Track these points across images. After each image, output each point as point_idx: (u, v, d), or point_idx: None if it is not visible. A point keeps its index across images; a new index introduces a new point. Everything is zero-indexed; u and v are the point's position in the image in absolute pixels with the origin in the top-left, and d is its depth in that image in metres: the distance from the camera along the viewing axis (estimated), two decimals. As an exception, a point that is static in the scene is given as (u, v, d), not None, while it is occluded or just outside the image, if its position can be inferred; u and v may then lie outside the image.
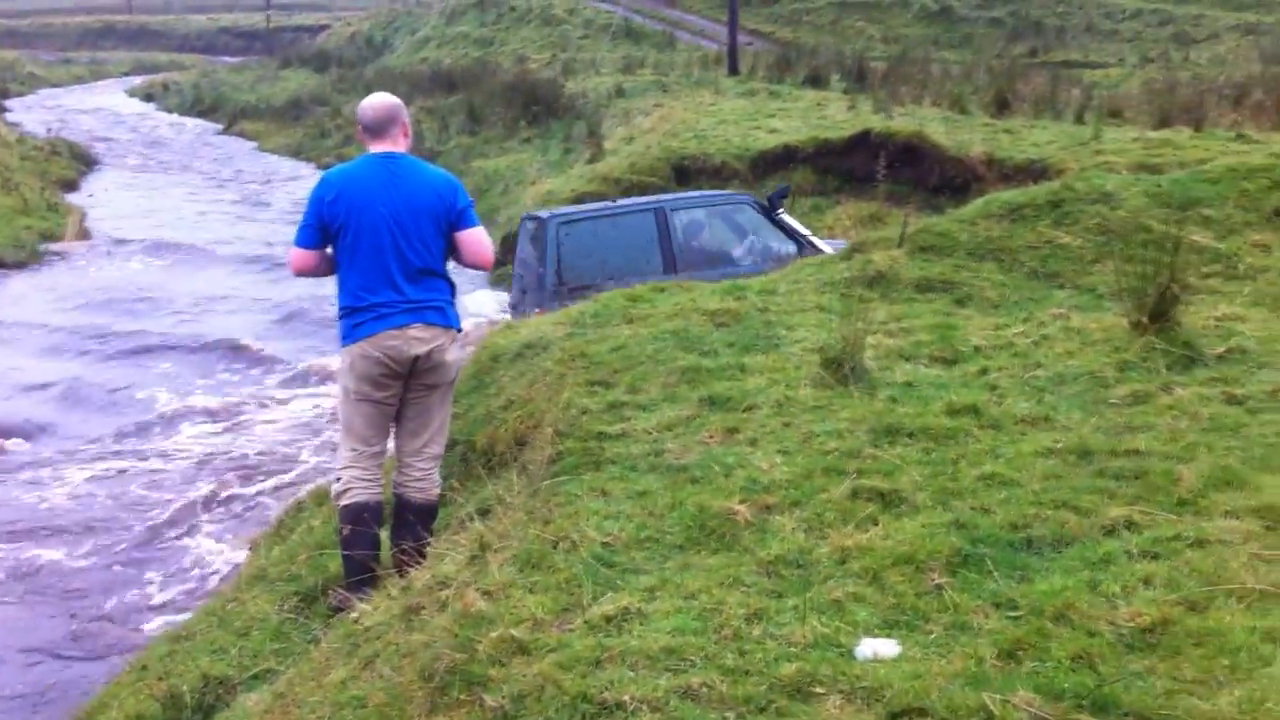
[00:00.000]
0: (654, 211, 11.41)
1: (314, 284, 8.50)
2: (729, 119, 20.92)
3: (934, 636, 3.65)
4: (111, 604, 8.22)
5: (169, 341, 15.42)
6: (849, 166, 17.51)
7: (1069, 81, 24.41)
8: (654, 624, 3.80)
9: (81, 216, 23.85)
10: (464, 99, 30.51)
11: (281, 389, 13.08)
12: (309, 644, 5.39)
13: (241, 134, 40.68)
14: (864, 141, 17.87)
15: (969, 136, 17.71)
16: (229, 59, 68.46)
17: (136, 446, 11.32)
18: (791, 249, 11.20)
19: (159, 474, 10.51)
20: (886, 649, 3.55)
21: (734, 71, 29.32)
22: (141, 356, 14.79)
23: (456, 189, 5.77)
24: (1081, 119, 19.05)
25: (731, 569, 4.16)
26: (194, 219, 25.20)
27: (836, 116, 20.42)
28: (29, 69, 64.00)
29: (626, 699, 3.39)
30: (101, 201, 27.00)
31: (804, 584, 4.00)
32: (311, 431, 11.36)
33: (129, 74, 67.98)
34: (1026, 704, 3.19)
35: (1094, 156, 15.20)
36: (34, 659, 7.63)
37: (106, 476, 10.48)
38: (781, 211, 11.71)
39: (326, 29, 66.54)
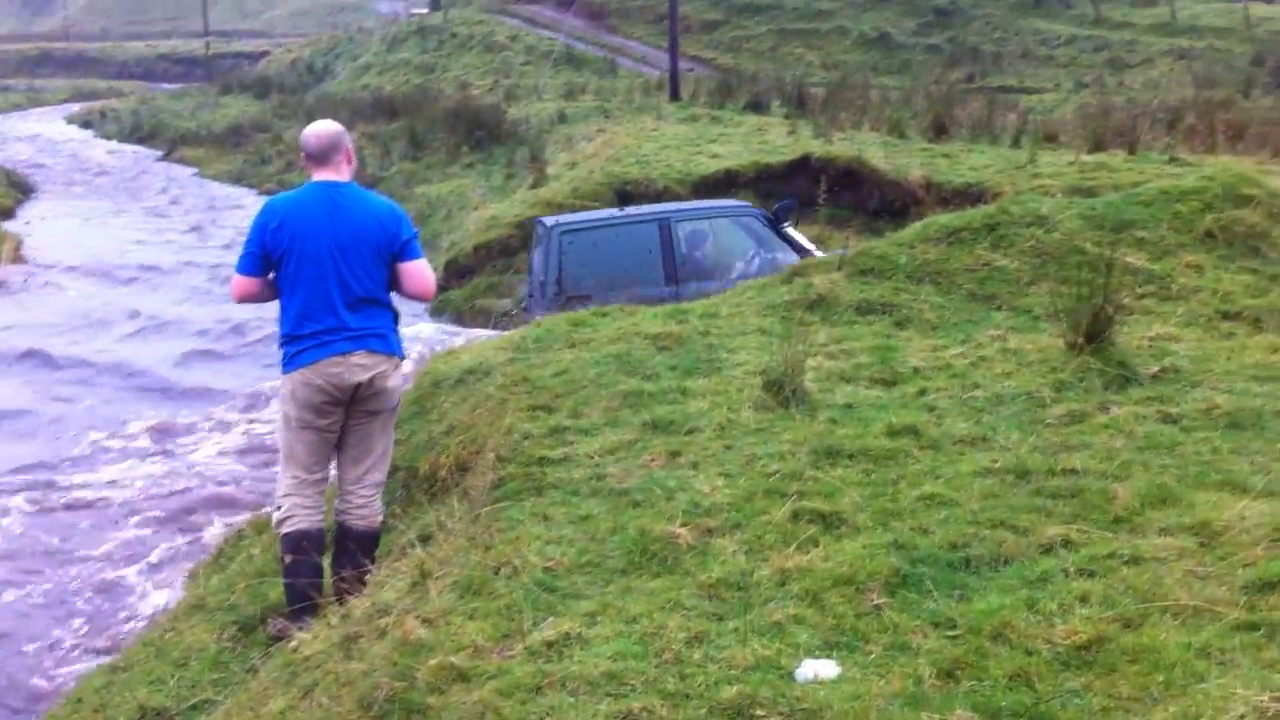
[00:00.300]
0: (658, 222, 11.35)
1: (255, 309, 8.41)
2: (671, 144, 20.98)
3: (873, 657, 3.66)
4: (39, 643, 8.03)
5: (105, 367, 15.20)
6: (790, 191, 17.57)
7: (1005, 106, 24.74)
8: (595, 649, 3.79)
9: (17, 244, 23.49)
10: (406, 125, 30.40)
11: (221, 415, 12.93)
12: (247, 674, 5.33)
13: (181, 160, 40.26)
14: (805, 166, 17.99)
15: (908, 161, 17.89)
16: (168, 86, 67.84)
17: (69, 476, 11.14)
18: (796, 261, 11.17)
19: (94, 503, 10.34)
20: (826, 670, 3.56)
21: (675, 97, 29.45)
22: (78, 383, 14.56)
23: (401, 220, 5.75)
24: (1018, 143, 19.29)
25: (673, 592, 4.16)
26: (132, 245, 24.91)
27: (777, 141, 20.54)
28: (-36, 97, 63.16)
29: (567, 725, 3.38)
30: (38, 228, 26.62)
31: (745, 606, 4.01)
32: (252, 459, 11.23)
33: (67, 101, 67.16)
34: (965, 723, 3.21)
35: (1030, 180, 15.39)
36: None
37: (39, 507, 10.30)
38: (788, 224, 11.67)
39: (267, 55, 66.11)
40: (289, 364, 5.61)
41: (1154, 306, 7.58)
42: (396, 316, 5.84)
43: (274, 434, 6.75)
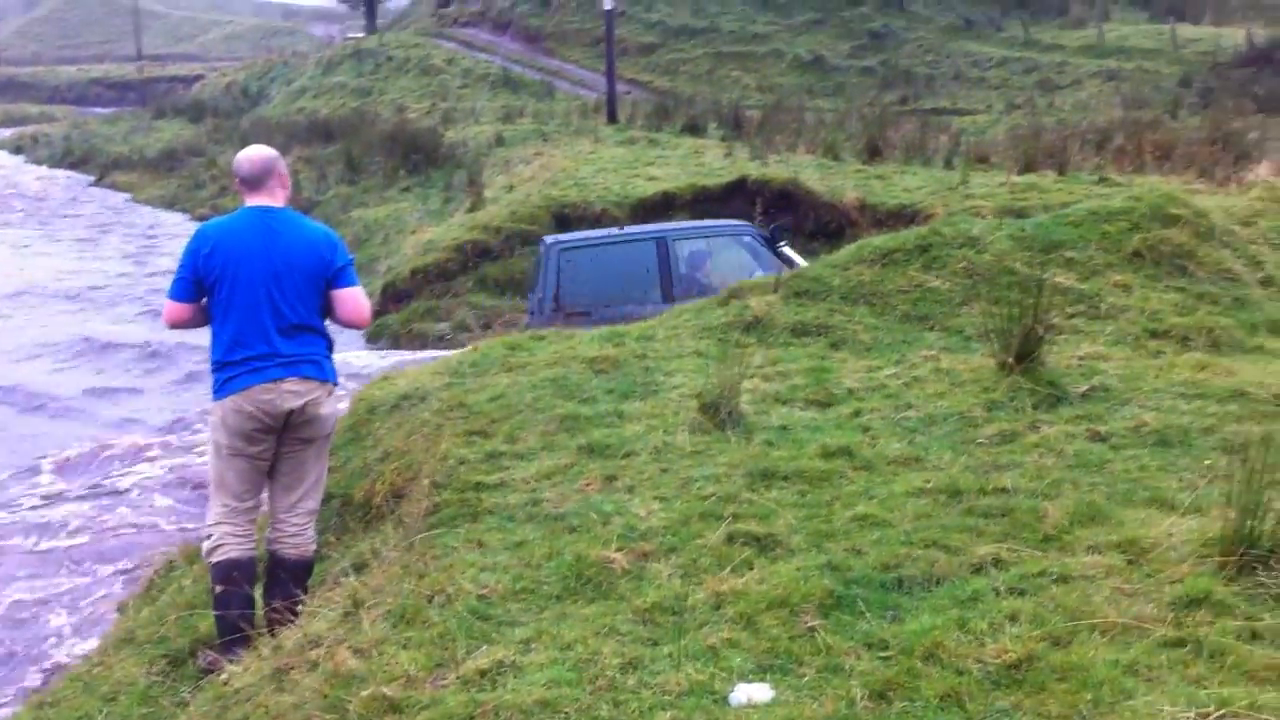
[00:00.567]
0: (655, 241, 11.46)
1: (186, 335, 8.31)
2: (609, 167, 21.04)
3: (807, 679, 3.67)
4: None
5: (32, 395, 14.94)
6: (727, 212, 17.66)
7: (938, 128, 25.04)
8: (529, 677, 3.76)
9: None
10: (342, 148, 30.22)
11: (150, 442, 12.74)
12: (177, 708, 5.24)
13: (114, 186, 39.74)
14: (741, 188, 18.11)
15: (842, 183, 18.05)
16: (101, 110, 66.90)
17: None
18: None
19: (16, 537, 10.14)
20: (760, 694, 3.56)
21: (613, 120, 29.54)
22: (3, 410, 14.31)
23: (335, 246, 5.71)
24: (950, 164, 19.54)
25: (608, 618, 4.15)
26: (64, 273, 24.54)
27: (714, 164, 20.66)
28: (-109, 123, 61.96)
29: (500, 754, 3.35)
30: (-36, 256, 26.20)
31: (679, 631, 4.01)
32: (181, 487, 11.07)
33: (-2, 126, 66.17)
34: (897, 744, 3.22)
35: (963, 201, 15.58)
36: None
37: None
38: (784, 244, 11.74)
39: (201, 79, 65.47)
40: (220, 390, 5.55)
41: (1083, 326, 7.68)
42: (330, 343, 5.79)
43: (203, 462, 6.66)
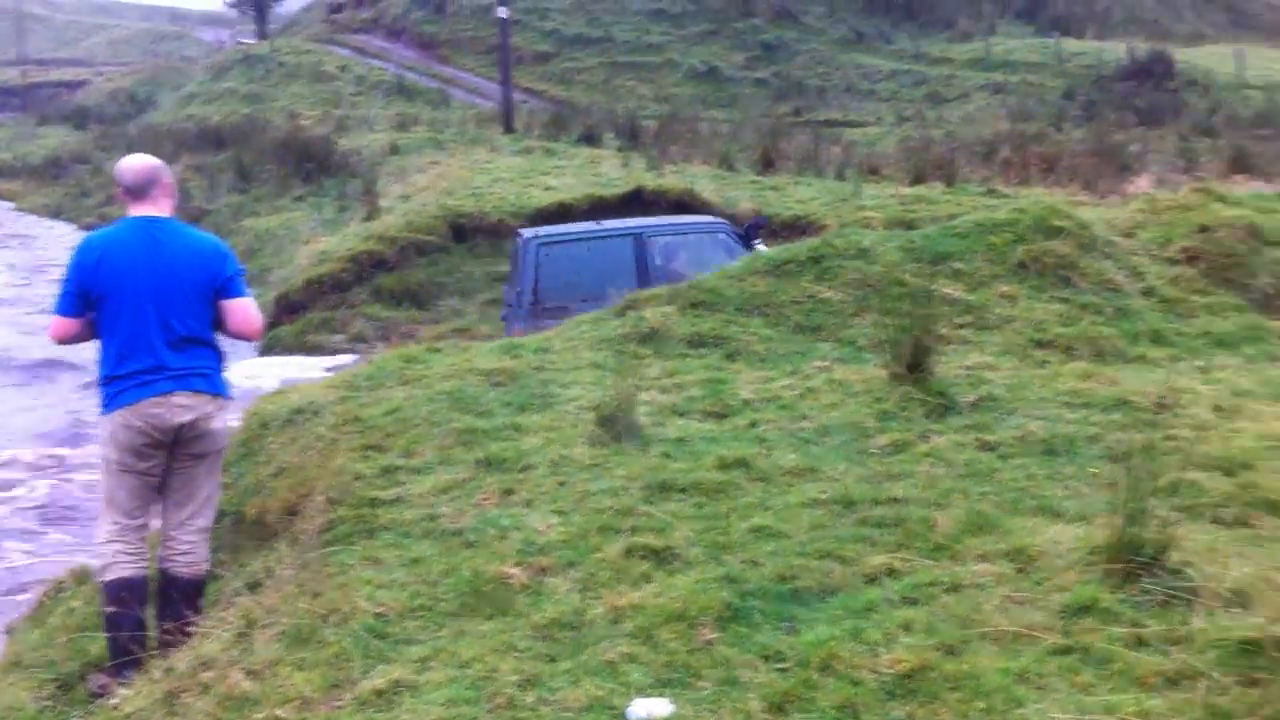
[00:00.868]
0: (633, 237, 11.60)
1: (72, 349, 8.10)
2: (505, 176, 21.00)
3: (705, 693, 3.69)
4: None
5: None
6: (625, 223, 17.79)
7: (830, 140, 25.41)
8: (426, 696, 3.74)
9: None
10: (233, 156, 29.75)
11: (32, 459, 12.40)
12: (66, 734, 5.11)
13: (-4, 194, 38.69)
14: (637, 198, 18.19)
15: (737, 193, 18.23)
16: (-19, 115, 65.08)
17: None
18: None
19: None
20: (659, 708, 3.57)
21: (509, 129, 29.48)
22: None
23: (225, 256, 5.62)
24: (843, 176, 19.84)
25: (506, 634, 4.13)
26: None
27: (610, 174, 20.73)
28: None
29: (398, 776, 3.33)
30: None
31: (578, 646, 4.01)
32: (70, 505, 10.80)
33: None
34: (794, 755, 3.26)
35: (856, 212, 15.83)
36: None
37: None
38: (758, 241, 11.86)
39: (86, 85, 63.93)
40: (109, 405, 5.43)
41: (971, 336, 7.84)
42: (221, 356, 5.69)
43: (89, 479, 6.50)
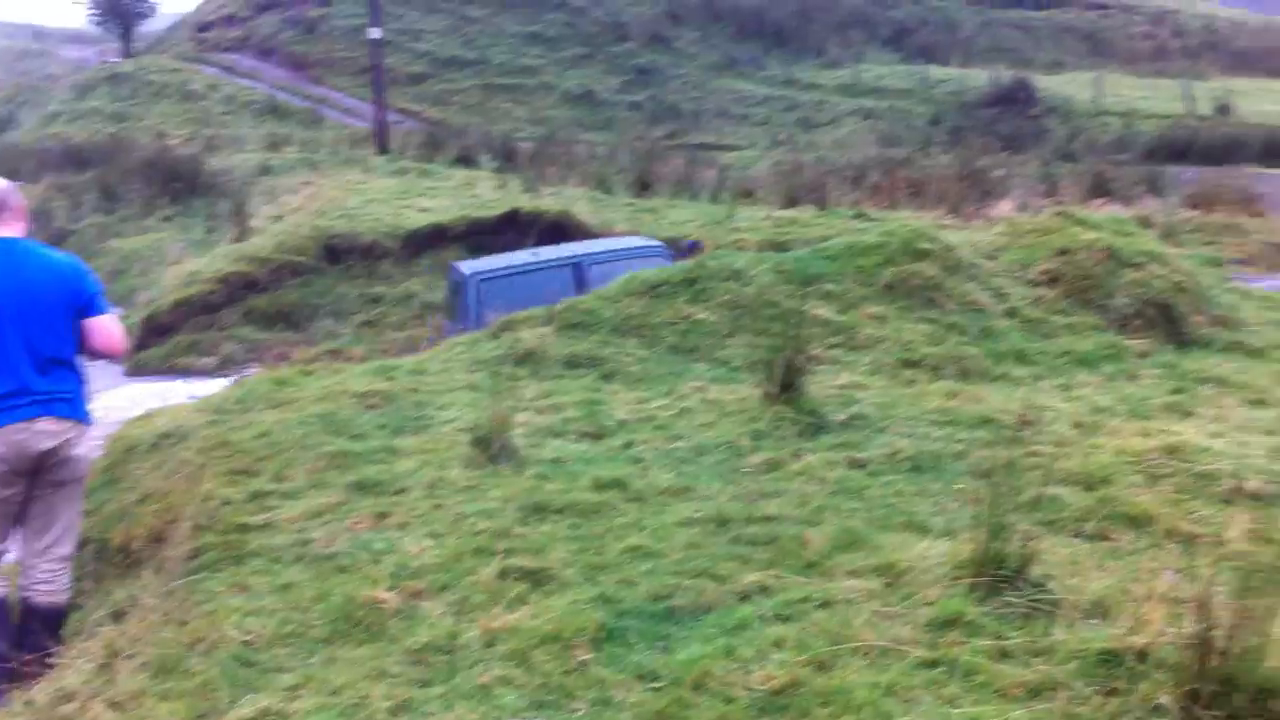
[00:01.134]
0: (571, 266, 11.75)
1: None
2: (379, 197, 20.79)
3: (579, 714, 3.69)
4: None
5: None
6: (500, 244, 17.70)
7: (705, 163, 25.66)
8: (296, 724, 3.67)
9: None
10: (98, 176, 28.96)
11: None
12: (-85, 774, 4.90)
13: None
14: (513, 220, 18.16)
15: (613, 215, 18.32)
16: None
17: None
18: None
19: None
20: (533, 730, 3.56)
21: (384, 150, 29.20)
22: None
23: (83, 274, 5.48)
24: (717, 199, 20.04)
25: (378, 660, 4.08)
26: None
27: (486, 195, 20.66)
28: None
29: (266, 807, 3.26)
30: None
31: (451, 670, 3.97)
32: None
33: None
34: (668, 774, 3.27)
35: (730, 234, 16.01)
36: None
37: None
38: None
39: (-60, 101, 61.82)
40: (-31, 430, 5.23)
41: (842, 356, 7.98)
42: (83, 380, 5.54)
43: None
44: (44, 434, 5.22)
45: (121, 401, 12.21)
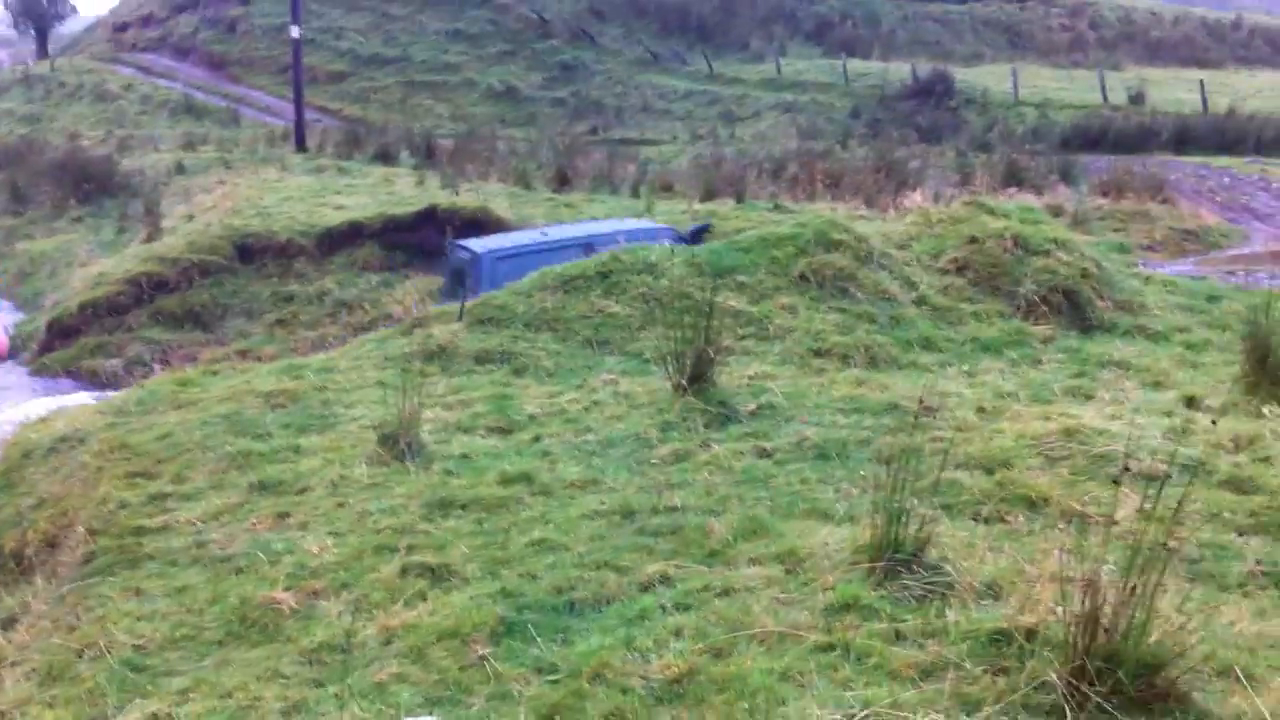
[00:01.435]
0: (581, 246, 11.58)
1: None
2: (295, 196, 20.50)
3: (475, 709, 3.66)
4: None
5: None
6: (417, 241, 17.57)
7: (626, 158, 25.62)
8: (183, 728, 3.60)
9: None
10: (7, 178, 28.31)
11: None
12: None
13: None
14: (431, 217, 17.97)
15: (532, 210, 18.20)
16: None
17: None
18: None
19: None
20: (426, 727, 3.52)
21: (302, 148, 28.83)
22: None
23: None
24: (637, 192, 20.01)
25: (272, 661, 4.02)
26: None
27: (405, 192, 20.45)
28: None
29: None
30: None
31: (346, 669, 3.92)
32: None
33: None
34: (560, 766, 3.25)
35: (649, 228, 15.94)
36: None
37: None
38: (704, 244, 11.80)
39: None
40: None
41: (753, 347, 7.99)
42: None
43: None
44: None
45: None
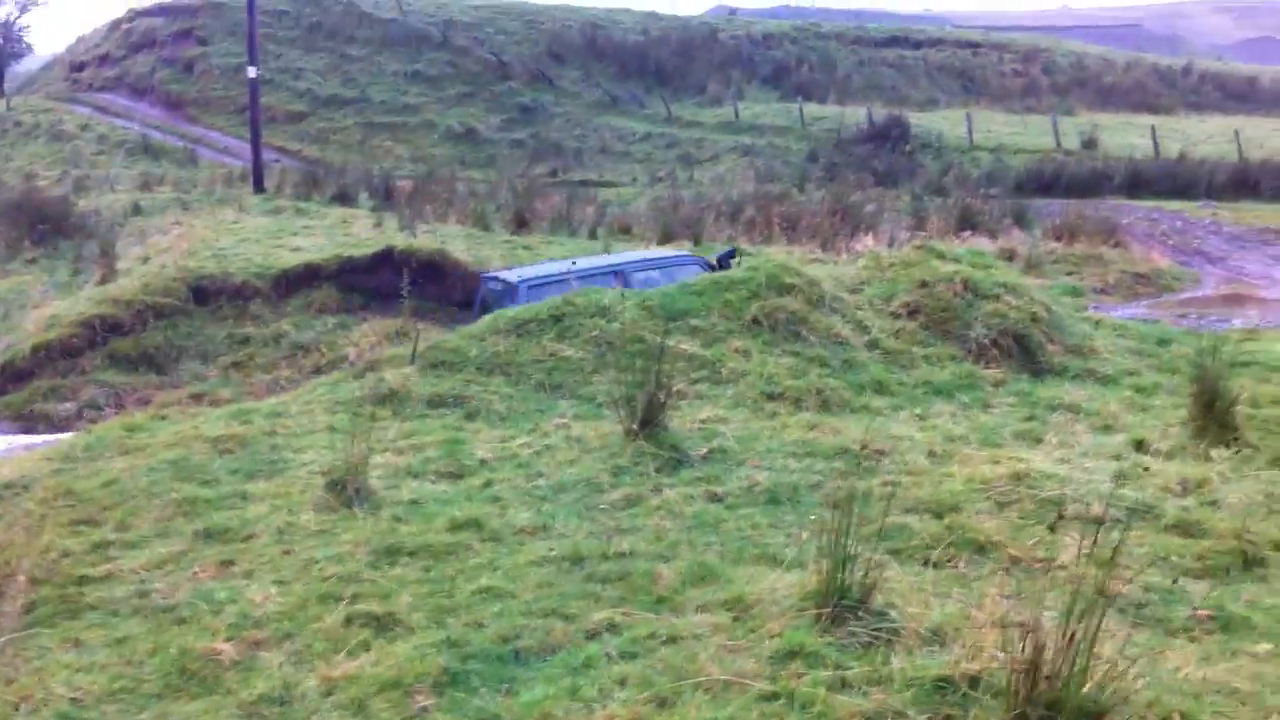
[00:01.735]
0: (616, 273, 11.98)
1: None
2: (252, 237, 20.40)
3: (415, 761, 3.61)
4: None
5: None
6: (374, 284, 17.51)
7: (585, 200, 25.66)
8: (117, 783, 3.53)
9: None
10: (-40, 219, 28.06)
11: None
12: None
13: None
14: (388, 258, 17.93)
15: (490, 253, 18.19)
16: None
17: None
18: None
19: None
20: (364, 781, 3.47)
21: (259, 189, 28.73)
22: None
23: None
24: (595, 235, 20.06)
25: (210, 714, 3.96)
26: None
27: (362, 234, 20.39)
28: None
29: None
30: None
31: (285, 722, 3.87)
32: None
33: None
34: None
35: (606, 270, 15.95)
36: None
37: None
38: (732, 269, 11.94)
39: None
40: None
41: (706, 390, 8.00)
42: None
43: None
44: None
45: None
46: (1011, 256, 15.95)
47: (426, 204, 24.43)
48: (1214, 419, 7.11)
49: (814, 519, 5.51)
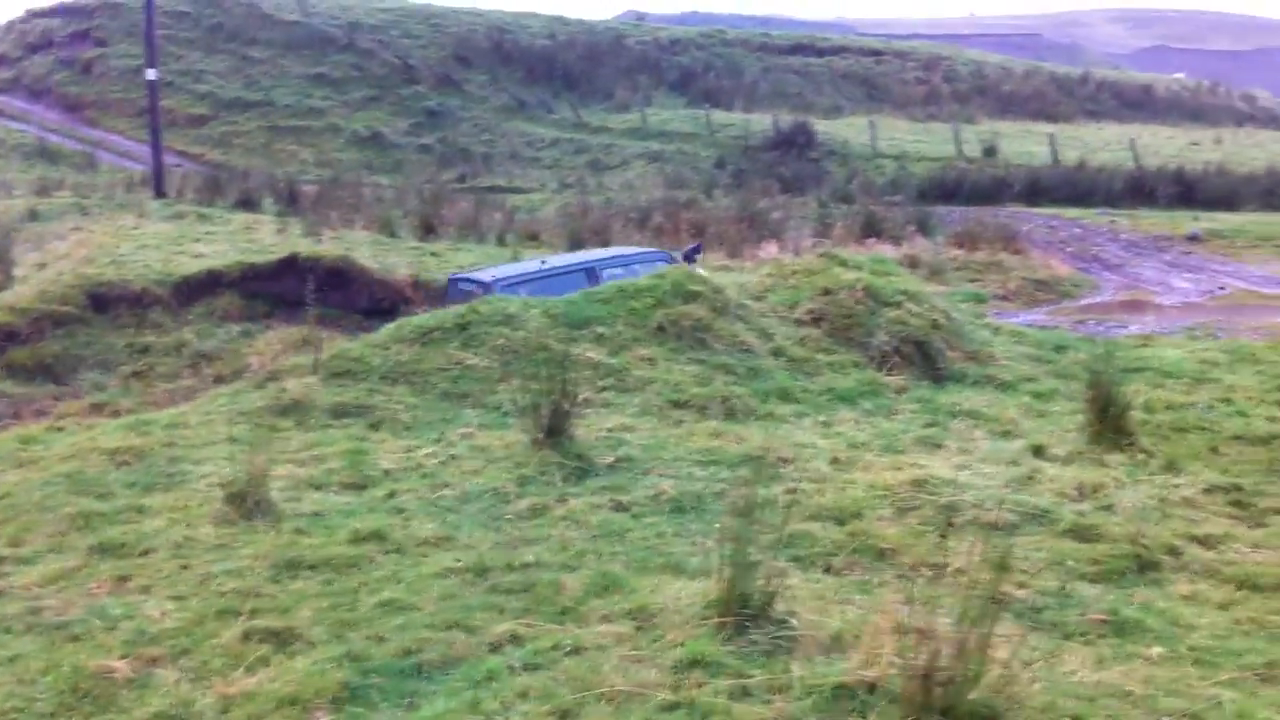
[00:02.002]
0: (586, 271, 12.10)
1: None
2: (152, 243, 20.01)
3: (313, 779, 3.57)
4: None
5: None
6: (278, 291, 17.25)
7: (493, 206, 25.57)
8: (4, 809, 3.45)
9: None
10: None
11: None
12: None
13: None
14: (293, 265, 17.68)
15: (397, 259, 18.06)
16: None
17: None
18: None
19: None
20: (262, 800, 3.43)
21: (161, 194, 28.22)
22: None
23: None
24: (503, 241, 19.99)
25: (103, 734, 3.88)
26: None
27: (266, 240, 20.12)
28: None
29: None
30: None
31: (180, 741, 3.81)
32: None
33: None
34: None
35: (514, 277, 15.91)
36: None
37: None
38: (696, 264, 12.26)
39: None
40: None
41: (613, 399, 8.01)
42: None
43: None
44: None
45: None
46: (915, 264, 16.17)
47: (332, 210, 24.16)
48: (1109, 424, 7.29)
49: (718, 527, 5.55)
